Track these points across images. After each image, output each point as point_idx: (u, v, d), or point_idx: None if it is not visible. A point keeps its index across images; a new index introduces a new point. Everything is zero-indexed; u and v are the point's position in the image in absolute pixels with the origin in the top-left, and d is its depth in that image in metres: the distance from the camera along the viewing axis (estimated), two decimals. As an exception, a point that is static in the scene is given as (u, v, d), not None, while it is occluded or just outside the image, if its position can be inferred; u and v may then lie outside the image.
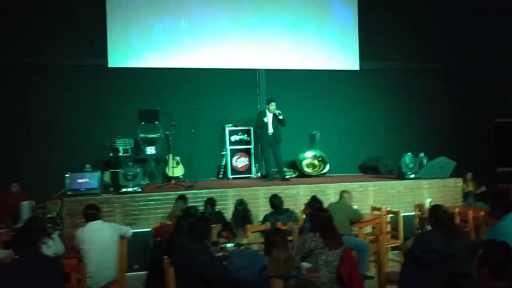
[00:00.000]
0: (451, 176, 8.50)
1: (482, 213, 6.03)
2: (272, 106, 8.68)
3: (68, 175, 7.11)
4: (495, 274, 2.67)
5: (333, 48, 10.66)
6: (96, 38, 9.45)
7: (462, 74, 11.25)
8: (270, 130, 8.74)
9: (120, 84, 9.61)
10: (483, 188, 9.29)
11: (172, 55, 9.85)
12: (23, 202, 6.23)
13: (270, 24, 10.32)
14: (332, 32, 10.69)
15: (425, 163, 8.55)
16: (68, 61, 9.39)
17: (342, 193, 6.72)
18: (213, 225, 4.68)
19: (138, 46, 9.73)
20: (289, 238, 4.78)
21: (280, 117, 8.60)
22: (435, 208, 4.33)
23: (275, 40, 10.31)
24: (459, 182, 8.45)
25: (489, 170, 10.89)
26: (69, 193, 7.01)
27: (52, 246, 4.49)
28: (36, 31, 9.23)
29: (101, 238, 4.90)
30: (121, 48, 9.64)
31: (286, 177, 8.86)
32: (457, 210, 6.75)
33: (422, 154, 8.62)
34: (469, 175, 9.29)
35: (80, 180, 7.09)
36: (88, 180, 7.11)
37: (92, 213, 5.03)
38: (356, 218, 6.39)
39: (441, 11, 11.04)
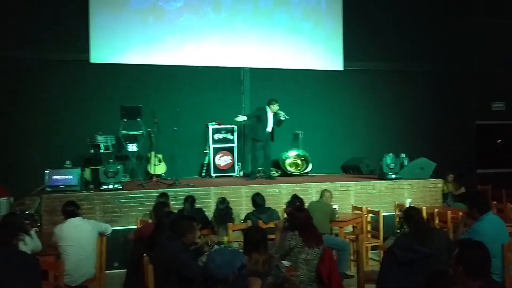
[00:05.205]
0: (431, 177, 8.60)
1: (461, 213, 6.11)
2: (276, 106, 8.72)
3: (47, 171, 7.02)
4: (469, 273, 2.71)
5: (317, 48, 10.69)
6: (79, 33, 9.29)
7: (445, 76, 11.37)
8: (269, 128, 8.75)
9: (102, 80, 9.48)
10: (462, 189, 9.37)
11: (156, 51, 9.76)
12: (0, 198, 6.14)
13: (255, 23, 10.31)
14: (316, 32, 10.72)
15: (406, 163, 8.63)
16: (50, 56, 9.20)
17: (323, 192, 6.79)
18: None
19: (121, 42, 9.61)
20: (271, 236, 4.79)
21: (283, 119, 8.66)
22: (407, 211, 4.40)
23: (260, 39, 10.30)
24: (439, 183, 8.56)
25: (469, 171, 11.02)
26: (48, 189, 6.92)
27: (29, 243, 4.44)
28: (16, 25, 9.03)
29: (79, 235, 4.86)
30: (104, 43, 9.51)
31: (272, 175, 8.85)
32: (436, 210, 6.85)
33: (403, 155, 8.68)
34: (450, 176, 9.36)
35: (59, 177, 7.00)
36: (68, 176, 7.02)
37: (71, 210, 4.99)
38: (333, 217, 6.48)
39: (425, 13, 11.11)
